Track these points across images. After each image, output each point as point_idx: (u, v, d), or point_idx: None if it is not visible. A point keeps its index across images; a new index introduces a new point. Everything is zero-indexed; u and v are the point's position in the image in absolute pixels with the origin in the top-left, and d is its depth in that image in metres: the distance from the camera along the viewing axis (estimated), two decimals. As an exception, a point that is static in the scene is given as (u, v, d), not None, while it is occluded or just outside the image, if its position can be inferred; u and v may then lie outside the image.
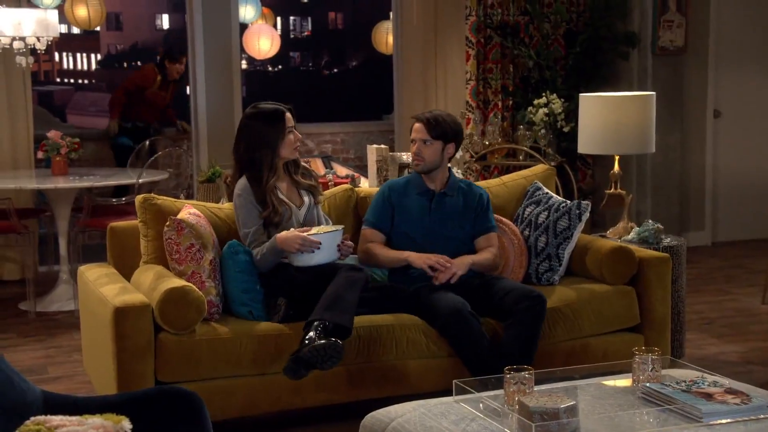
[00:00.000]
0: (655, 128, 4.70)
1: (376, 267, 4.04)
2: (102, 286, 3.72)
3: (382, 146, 5.07)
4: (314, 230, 3.76)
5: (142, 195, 3.95)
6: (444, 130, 3.99)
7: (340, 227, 3.80)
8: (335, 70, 32.77)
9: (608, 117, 4.61)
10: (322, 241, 3.67)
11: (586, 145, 4.73)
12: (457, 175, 4.32)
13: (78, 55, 34.29)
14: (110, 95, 9.94)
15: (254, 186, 3.82)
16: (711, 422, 2.64)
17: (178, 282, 3.54)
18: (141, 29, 34.99)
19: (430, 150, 3.99)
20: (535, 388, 2.78)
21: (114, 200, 6.08)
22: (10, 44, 5.87)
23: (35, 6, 6.77)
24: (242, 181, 3.86)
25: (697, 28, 7.25)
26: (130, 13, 34.95)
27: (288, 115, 3.89)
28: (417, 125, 4.02)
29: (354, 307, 3.58)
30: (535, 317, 3.74)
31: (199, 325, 3.56)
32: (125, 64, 34.76)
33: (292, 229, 3.75)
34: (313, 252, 3.67)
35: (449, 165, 4.13)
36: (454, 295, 3.78)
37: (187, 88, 7.62)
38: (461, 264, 3.89)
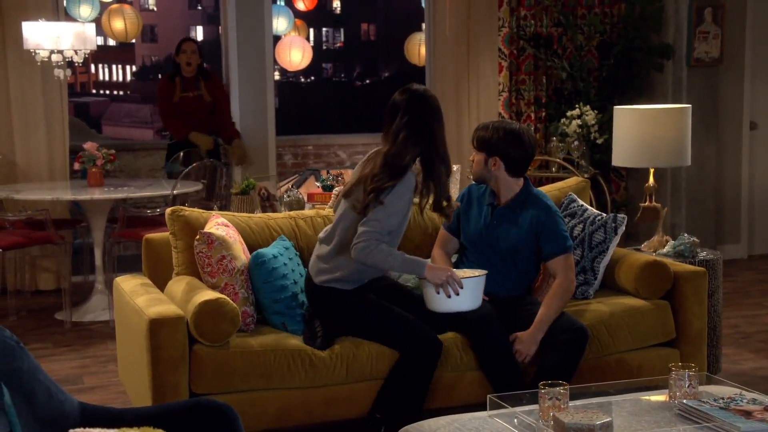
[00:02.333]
0: (690, 141, 4.66)
1: None
2: (137, 297, 3.74)
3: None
4: (458, 272, 3.61)
5: (170, 207, 3.98)
6: (486, 142, 3.87)
7: (485, 272, 3.64)
8: (367, 82, 32.81)
9: (643, 130, 4.57)
10: (465, 285, 3.51)
11: (620, 158, 4.70)
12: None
13: (113, 66, 34.68)
14: (151, 107, 9.64)
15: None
16: (750, 440, 2.60)
17: (212, 294, 3.55)
18: (176, 41, 35.22)
19: (476, 160, 3.92)
20: (570, 404, 2.76)
21: (149, 211, 6.13)
22: (49, 57, 5.95)
23: (73, 19, 6.86)
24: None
25: (733, 39, 7.19)
26: (165, 26, 35.27)
27: None
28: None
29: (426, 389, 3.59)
30: (576, 350, 3.68)
31: (233, 337, 3.57)
32: (160, 76, 35.06)
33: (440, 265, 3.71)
34: (453, 296, 3.50)
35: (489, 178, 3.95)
36: (489, 306, 3.75)
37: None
38: (531, 342, 3.69)
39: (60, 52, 5.94)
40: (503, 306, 3.82)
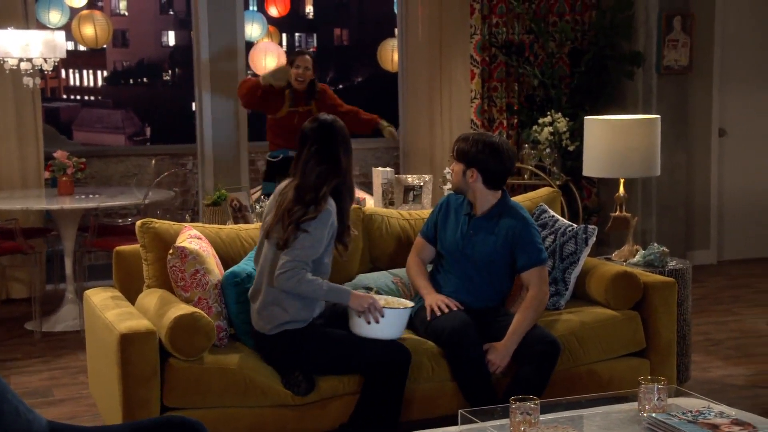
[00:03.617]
0: (660, 150, 4.70)
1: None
2: (107, 311, 3.71)
3: (388, 169, 5.07)
4: (382, 300, 3.64)
5: (140, 220, 3.96)
6: (465, 153, 3.87)
7: (411, 305, 3.68)
8: (340, 86, 32.83)
9: (613, 140, 4.60)
10: (387, 316, 3.54)
11: (591, 168, 4.73)
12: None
13: (84, 71, 34.49)
14: (123, 112, 9.42)
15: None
16: (718, 455, 2.62)
17: (186, 308, 3.53)
18: (147, 46, 35.22)
19: (455, 170, 3.93)
20: (541, 418, 2.77)
21: (120, 221, 6.09)
22: (18, 65, 5.90)
23: (43, 26, 6.80)
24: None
25: (702, 47, 7.26)
26: (137, 30, 35.18)
27: None
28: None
29: (399, 402, 3.57)
30: (548, 362, 3.69)
31: (207, 353, 3.55)
32: (131, 81, 34.96)
33: (364, 292, 3.71)
34: (373, 323, 3.53)
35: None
36: (464, 315, 3.76)
37: (193, 105, 7.62)
38: (504, 354, 3.71)
39: (29, 60, 5.89)
40: (477, 317, 3.82)
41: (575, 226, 4.26)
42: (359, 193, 5.65)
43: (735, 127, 7.55)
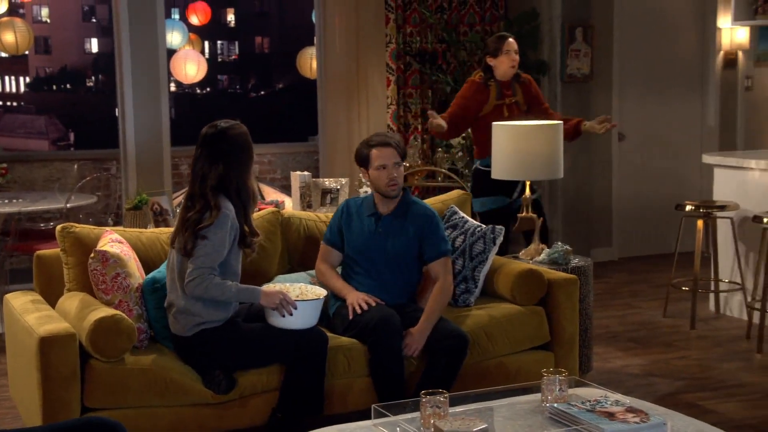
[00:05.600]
0: (563, 154, 4.79)
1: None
2: (27, 315, 3.62)
3: (305, 173, 5.06)
4: (296, 290, 3.63)
5: (61, 224, 3.87)
6: (405, 151, 4.00)
7: (323, 296, 3.67)
8: (262, 93, 32.70)
9: (519, 145, 4.67)
10: (299, 308, 3.53)
11: (499, 171, 4.79)
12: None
13: (6, 77, 33.58)
14: (46, 118, 9.23)
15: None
16: (613, 441, 2.69)
17: (107, 311, 3.47)
18: (70, 53, 34.47)
19: (401, 172, 3.94)
20: (450, 411, 2.80)
21: (42, 225, 5.95)
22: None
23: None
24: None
25: (602, 57, 7.42)
26: (59, 37, 34.44)
27: None
28: (388, 150, 3.88)
29: (322, 383, 3.57)
30: (458, 355, 3.74)
31: (128, 354, 3.49)
32: (54, 87, 34.20)
33: (277, 285, 3.67)
34: (287, 315, 3.52)
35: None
36: (387, 308, 3.78)
37: (116, 110, 7.48)
38: (419, 338, 3.75)
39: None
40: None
41: (484, 226, 4.32)
42: (279, 196, 5.63)
43: (633, 132, 7.74)
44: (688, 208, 5.71)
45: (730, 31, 7.74)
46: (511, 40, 5.30)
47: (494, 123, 4.83)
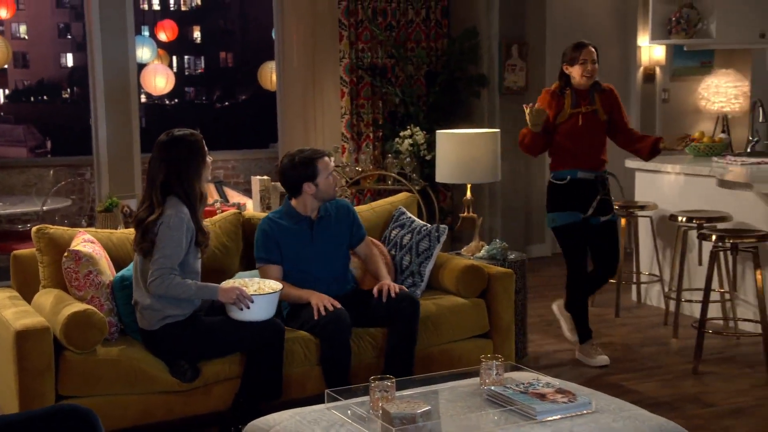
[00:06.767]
0: (500, 159, 4.82)
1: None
2: (4, 310, 3.56)
3: (265, 177, 5.03)
4: (254, 285, 3.59)
5: (36, 226, 3.81)
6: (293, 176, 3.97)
7: (279, 289, 3.62)
8: (226, 104, 32.49)
9: (461, 151, 4.70)
10: (256, 301, 3.50)
11: (443, 175, 4.81)
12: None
13: (-15, 89, 32.99)
14: (24, 127, 9.12)
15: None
16: (544, 419, 2.71)
17: (80, 306, 3.42)
18: (47, 66, 33.94)
19: (310, 190, 3.91)
20: (398, 394, 2.80)
21: (20, 226, 5.83)
22: None
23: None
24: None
25: (535, 71, 7.49)
26: (37, 52, 33.94)
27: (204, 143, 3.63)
28: (328, 159, 3.91)
29: (280, 370, 3.55)
30: (412, 318, 3.81)
31: (100, 346, 3.44)
32: (32, 98, 33.67)
33: (237, 281, 3.62)
34: (248, 309, 3.49)
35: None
36: (341, 309, 3.74)
37: (90, 120, 7.37)
38: (389, 283, 3.88)
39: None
40: (348, 303, 3.83)
41: (429, 225, 4.33)
42: (241, 199, 5.59)
43: (564, 139, 7.81)
44: (613, 208, 5.78)
45: (648, 49, 7.86)
46: (589, 48, 4.65)
47: (438, 132, 4.84)
